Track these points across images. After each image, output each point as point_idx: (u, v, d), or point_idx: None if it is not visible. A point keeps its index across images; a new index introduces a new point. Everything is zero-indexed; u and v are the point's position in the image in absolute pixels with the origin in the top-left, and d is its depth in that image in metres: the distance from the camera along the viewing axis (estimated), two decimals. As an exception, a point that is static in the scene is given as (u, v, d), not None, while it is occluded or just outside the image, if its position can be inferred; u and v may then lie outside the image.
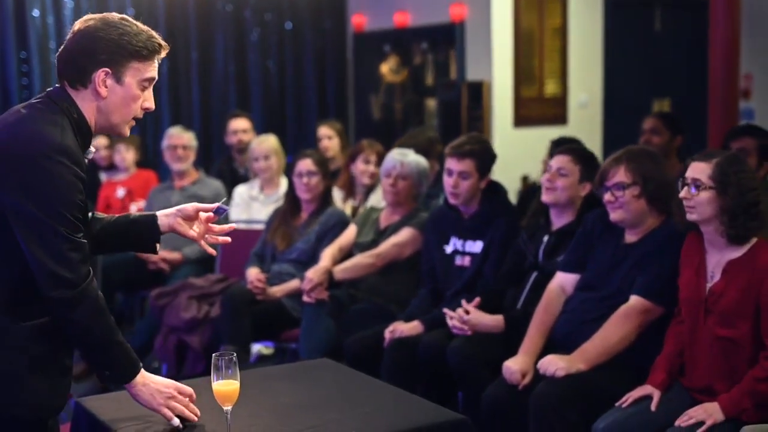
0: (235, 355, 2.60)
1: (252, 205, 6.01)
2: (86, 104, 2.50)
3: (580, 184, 4.05)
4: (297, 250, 5.10)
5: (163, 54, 2.57)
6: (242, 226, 5.84)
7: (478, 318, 4.04)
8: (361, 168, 5.60)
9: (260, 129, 8.64)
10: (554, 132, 7.71)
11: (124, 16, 2.56)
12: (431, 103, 8.38)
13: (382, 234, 4.84)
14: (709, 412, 3.20)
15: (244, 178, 6.64)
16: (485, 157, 4.38)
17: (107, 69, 2.47)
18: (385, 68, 8.75)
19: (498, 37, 7.48)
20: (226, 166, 7.06)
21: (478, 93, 7.56)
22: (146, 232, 2.74)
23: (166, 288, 5.29)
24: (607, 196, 3.70)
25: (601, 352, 3.57)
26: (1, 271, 2.42)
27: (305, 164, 5.11)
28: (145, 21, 7.31)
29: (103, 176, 7.11)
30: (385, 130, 8.54)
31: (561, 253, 4.01)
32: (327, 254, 4.86)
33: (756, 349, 3.25)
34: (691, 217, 3.34)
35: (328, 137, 6.81)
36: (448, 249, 4.48)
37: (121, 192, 6.83)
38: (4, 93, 7.57)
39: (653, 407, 3.35)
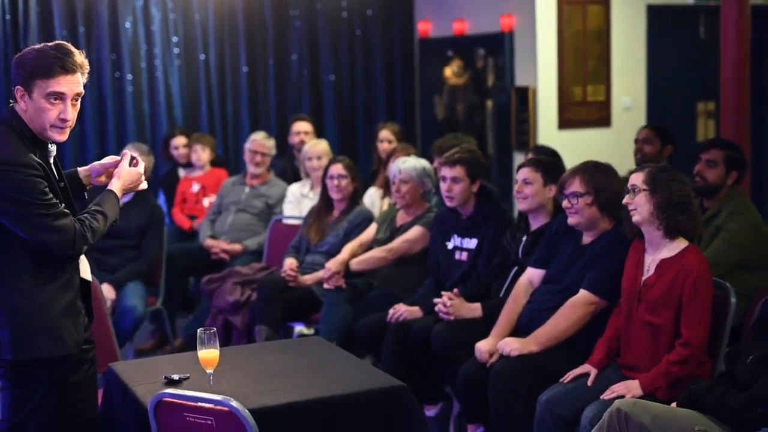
0: (215, 330, 3.34)
1: (303, 202, 6.73)
2: (23, 115, 3.21)
3: (546, 188, 4.66)
4: (327, 243, 5.81)
5: (78, 73, 3.19)
6: (293, 221, 6.58)
7: (459, 306, 4.70)
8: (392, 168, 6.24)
9: (332, 130, 9.40)
10: (598, 134, 8.26)
11: (60, 42, 3.24)
12: (490, 105, 8.97)
13: (397, 231, 5.53)
14: (630, 387, 3.80)
15: (304, 176, 7.35)
16: (474, 164, 5.02)
17: (20, 87, 3.18)
18: (449, 72, 9.37)
19: (542, 46, 8.04)
20: (288, 165, 7.79)
21: (525, 98, 8.15)
22: (73, 182, 3.49)
23: (215, 275, 6.09)
24: (564, 203, 4.31)
25: (551, 336, 4.20)
26: (18, 255, 3.19)
27: (336, 168, 5.82)
28: (226, 31, 8.58)
29: (182, 172, 7.93)
30: (448, 130, 9.13)
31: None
32: (347, 248, 5.59)
33: (675, 336, 3.84)
34: (634, 218, 3.93)
35: (389, 141, 7.39)
36: (450, 245, 5.13)
37: (195, 187, 7.65)
38: (100, 94, 8.50)
39: (589, 383, 3.97)
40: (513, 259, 4.77)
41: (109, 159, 3.56)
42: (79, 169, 3.59)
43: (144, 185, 3.52)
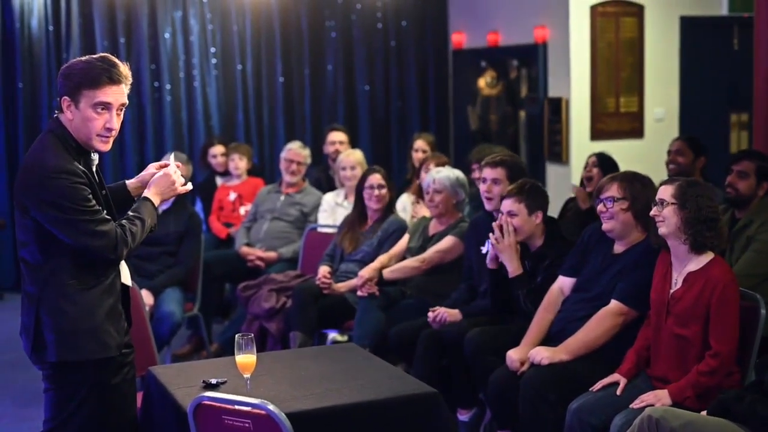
0: (252, 335, 3.43)
1: (337, 211, 6.83)
2: (68, 125, 3.33)
3: (531, 216, 4.73)
4: (361, 252, 5.91)
5: (123, 84, 3.32)
6: (327, 230, 6.67)
7: (511, 248, 4.73)
8: (425, 176, 6.33)
9: (366, 139, 9.51)
10: (630, 145, 8.29)
11: (105, 54, 3.37)
12: (523, 115, 9.04)
13: (429, 240, 5.61)
14: (659, 397, 3.84)
15: (338, 185, 7.45)
16: (515, 168, 5.07)
17: (67, 97, 3.29)
18: (482, 82, 9.45)
19: (576, 57, 8.09)
20: (323, 174, 7.90)
21: (558, 108, 8.21)
22: (122, 195, 3.63)
23: (251, 282, 6.20)
24: (600, 207, 4.37)
25: (582, 345, 4.25)
26: (64, 260, 3.30)
27: (375, 178, 5.92)
28: (263, 42, 8.85)
29: (219, 181, 8.05)
30: (481, 140, 9.23)
31: (539, 273, 4.72)
32: (381, 257, 5.70)
33: (704, 347, 3.88)
34: (661, 230, 3.99)
35: (423, 150, 7.51)
36: (484, 250, 5.17)
37: (232, 196, 7.77)
38: (139, 103, 8.67)
39: (618, 392, 4.01)
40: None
41: (153, 167, 3.67)
42: (127, 182, 3.71)
43: (188, 187, 3.60)
